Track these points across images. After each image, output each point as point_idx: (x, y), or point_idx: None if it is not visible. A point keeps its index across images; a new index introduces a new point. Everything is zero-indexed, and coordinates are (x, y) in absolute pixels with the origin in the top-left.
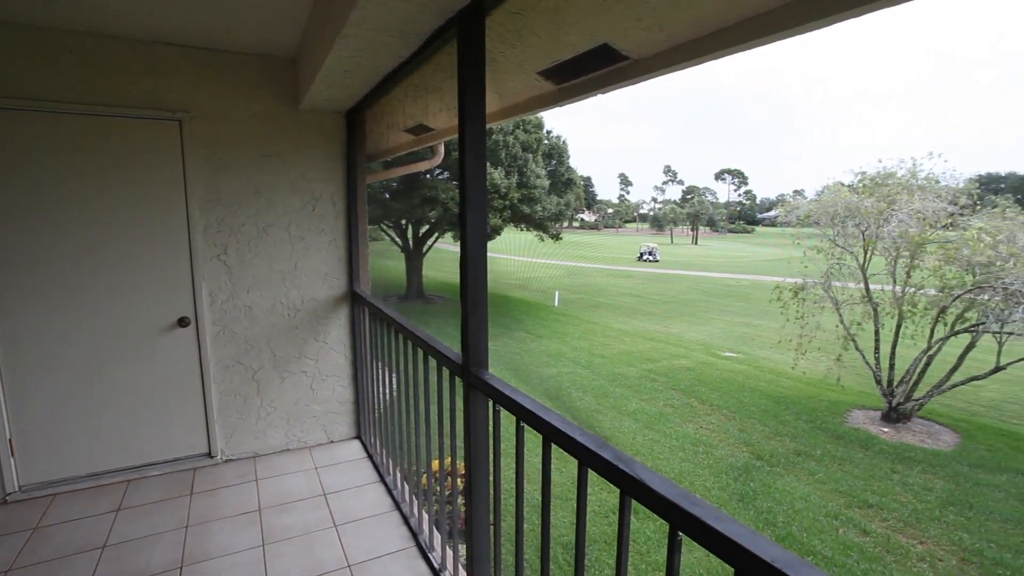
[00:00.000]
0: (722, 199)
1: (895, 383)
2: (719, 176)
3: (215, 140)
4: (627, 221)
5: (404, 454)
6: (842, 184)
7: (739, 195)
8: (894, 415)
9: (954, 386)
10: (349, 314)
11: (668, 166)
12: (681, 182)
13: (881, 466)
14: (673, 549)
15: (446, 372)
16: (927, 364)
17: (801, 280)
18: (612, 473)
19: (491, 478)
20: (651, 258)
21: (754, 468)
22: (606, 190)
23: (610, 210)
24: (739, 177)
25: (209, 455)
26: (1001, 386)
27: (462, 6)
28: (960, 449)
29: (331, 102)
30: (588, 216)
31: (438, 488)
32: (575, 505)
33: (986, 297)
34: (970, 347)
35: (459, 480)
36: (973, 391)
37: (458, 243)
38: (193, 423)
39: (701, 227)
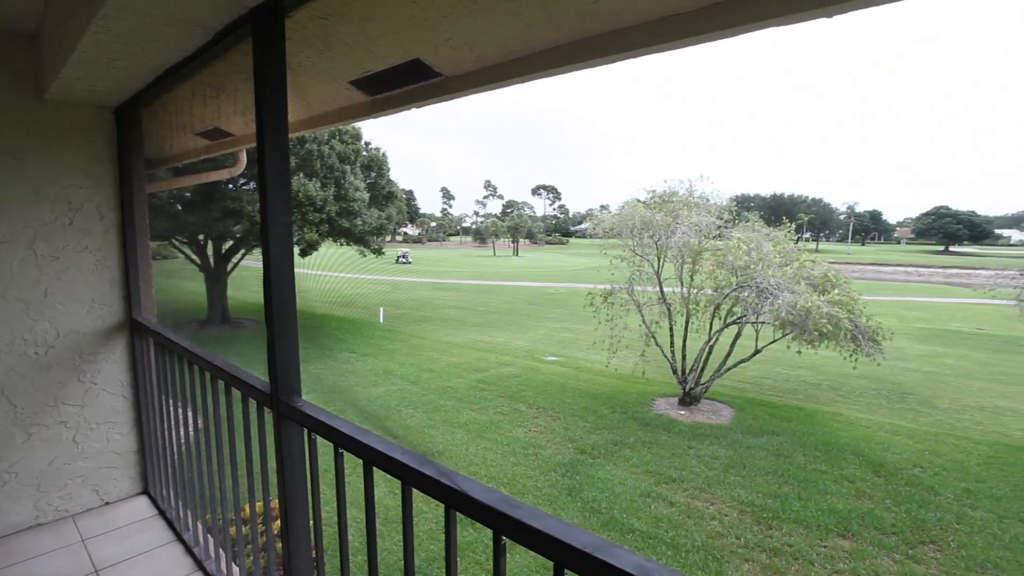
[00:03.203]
0: (539, 213)
1: (687, 371)
2: (536, 191)
3: None
4: (451, 234)
5: (208, 503)
6: (638, 201)
7: (554, 209)
8: (688, 399)
9: (728, 369)
10: (128, 347)
11: (488, 181)
12: (501, 197)
13: (680, 444)
14: (498, 554)
15: (253, 404)
16: (709, 353)
17: (609, 286)
18: (436, 488)
19: (311, 514)
20: (404, 260)
21: (579, 462)
22: (429, 204)
23: (433, 223)
24: (553, 193)
25: None
26: (760, 366)
27: (256, 3)
28: (735, 421)
29: (94, 94)
30: (411, 230)
31: (251, 535)
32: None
33: (746, 294)
34: (737, 336)
35: (277, 522)
36: (742, 372)
37: None
38: None
39: (521, 239)
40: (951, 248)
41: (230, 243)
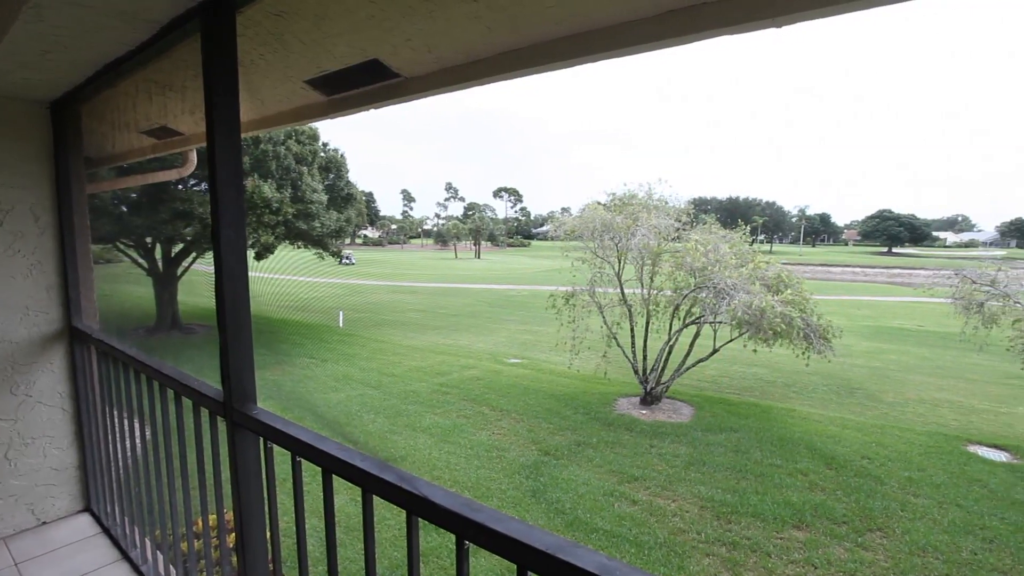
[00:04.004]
0: (501, 215)
1: (648, 371)
2: (497, 194)
3: None
4: (412, 237)
5: (157, 518)
6: (598, 203)
7: (515, 212)
8: (649, 399)
9: (688, 368)
10: (68, 356)
11: (450, 183)
12: (462, 199)
13: (642, 443)
14: (461, 558)
15: (205, 412)
16: (669, 353)
17: (571, 288)
18: (397, 494)
19: (267, 525)
20: (348, 261)
21: (543, 464)
22: (389, 206)
23: (394, 226)
24: (515, 195)
25: None
26: (718, 364)
27: None
28: (695, 419)
29: (26, 87)
30: (371, 232)
31: (204, 549)
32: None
33: (704, 295)
34: (696, 336)
35: (232, 535)
36: (700, 370)
37: None
38: None
39: (483, 242)
40: (894, 249)
41: (180, 246)
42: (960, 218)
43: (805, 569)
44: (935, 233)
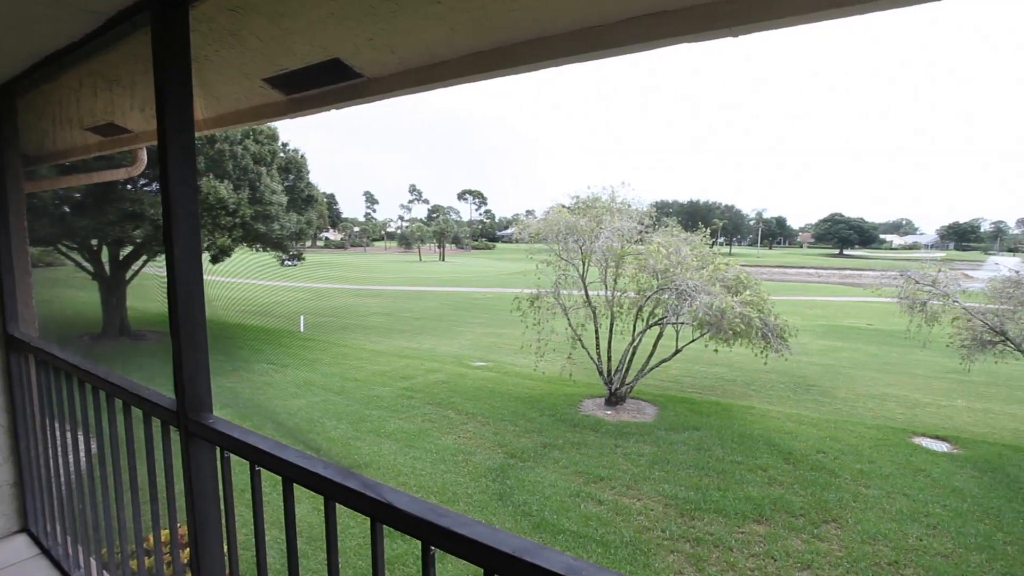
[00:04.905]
0: (465, 218)
1: (612, 372)
2: (461, 196)
3: None
4: (375, 239)
5: (104, 536)
6: (563, 206)
7: (480, 214)
8: (614, 399)
9: (652, 369)
10: (2, 366)
11: (413, 185)
12: (426, 201)
13: (608, 443)
14: (427, 564)
15: (157, 423)
16: (633, 354)
17: (536, 290)
18: (360, 502)
19: (225, 537)
20: (291, 263)
21: (509, 467)
22: (352, 208)
23: (356, 228)
24: (479, 197)
25: None
26: (680, 364)
27: None
28: (659, 418)
29: None
30: (333, 235)
31: (155, 567)
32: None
33: (666, 296)
34: (659, 336)
35: (187, 550)
36: (664, 371)
37: None
38: None
39: (447, 244)
40: (845, 251)
41: (129, 249)
42: (904, 222)
43: (765, 562)
44: (882, 236)
